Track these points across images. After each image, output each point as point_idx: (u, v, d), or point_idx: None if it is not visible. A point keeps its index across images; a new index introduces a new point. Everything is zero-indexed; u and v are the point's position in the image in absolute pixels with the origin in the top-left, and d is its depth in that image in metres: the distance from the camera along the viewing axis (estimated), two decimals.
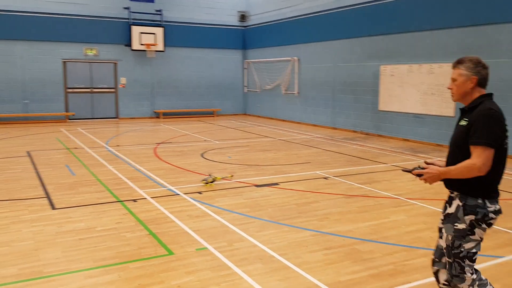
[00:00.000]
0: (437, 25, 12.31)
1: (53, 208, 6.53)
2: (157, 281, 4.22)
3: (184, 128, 16.53)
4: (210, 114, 21.43)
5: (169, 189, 7.59)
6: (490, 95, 3.13)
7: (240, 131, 15.77)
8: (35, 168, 9.23)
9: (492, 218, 3.01)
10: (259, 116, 21.09)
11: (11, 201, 6.86)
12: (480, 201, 2.99)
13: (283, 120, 19.25)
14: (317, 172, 9.08)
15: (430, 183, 3.10)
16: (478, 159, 2.91)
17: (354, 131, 15.39)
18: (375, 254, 4.91)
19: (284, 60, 18.90)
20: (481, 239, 3.07)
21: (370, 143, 12.96)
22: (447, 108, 12.11)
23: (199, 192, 7.38)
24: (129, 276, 4.31)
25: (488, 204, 2.99)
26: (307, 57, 17.71)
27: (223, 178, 8.26)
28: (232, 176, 8.52)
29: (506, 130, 3.01)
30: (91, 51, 18.88)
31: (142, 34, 19.27)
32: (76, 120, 18.89)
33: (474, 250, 3.05)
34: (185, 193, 7.30)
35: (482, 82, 3.13)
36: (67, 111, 18.81)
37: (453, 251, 3.08)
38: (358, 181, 8.30)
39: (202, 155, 10.83)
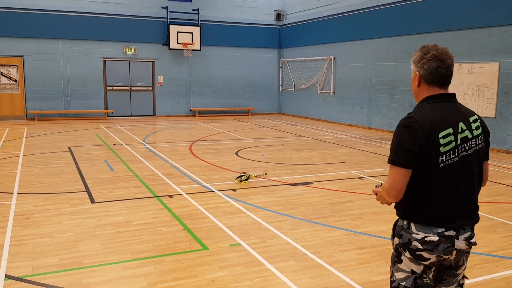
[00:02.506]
0: (478, 24, 11.99)
1: (93, 201, 6.74)
2: (191, 274, 4.32)
3: (219, 126, 16.69)
4: (245, 113, 21.56)
5: (204, 186, 7.71)
6: (438, 97, 2.42)
7: (275, 130, 15.81)
8: (76, 163, 9.53)
9: (419, 249, 2.39)
10: (293, 115, 21.07)
11: (53, 194, 7.12)
12: (405, 222, 2.46)
13: (318, 120, 19.16)
14: (352, 172, 9.03)
15: (382, 203, 2.59)
16: (386, 181, 2.39)
17: (391, 131, 15.19)
18: None
19: (320, 59, 18.80)
20: (414, 273, 2.46)
21: None
22: (488, 109, 11.80)
23: (233, 190, 7.47)
24: (165, 269, 4.43)
25: (414, 229, 2.40)
26: (343, 56, 17.57)
27: (257, 176, 8.33)
28: (266, 174, 8.57)
29: (432, 142, 2.29)
30: (130, 50, 19.30)
31: (179, 33, 19.56)
32: (115, 117, 19.36)
33: (404, 284, 2.48)
34: (219, 190, 7.40)
35: (429, 79, 2.41)
36: (106, 108, 19.29)
37: (390, 277, 2.62)
38: None
39: (236, 153, 10.93)
